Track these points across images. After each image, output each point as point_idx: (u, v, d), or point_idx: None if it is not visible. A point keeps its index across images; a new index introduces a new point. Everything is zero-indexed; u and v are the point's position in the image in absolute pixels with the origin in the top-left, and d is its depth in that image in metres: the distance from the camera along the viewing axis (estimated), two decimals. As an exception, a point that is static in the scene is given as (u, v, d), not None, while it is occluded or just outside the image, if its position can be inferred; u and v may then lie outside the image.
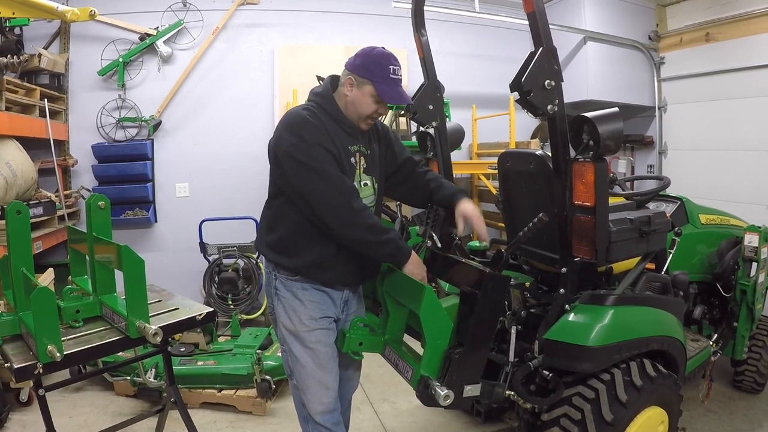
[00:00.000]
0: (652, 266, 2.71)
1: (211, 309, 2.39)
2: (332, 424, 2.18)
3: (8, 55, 4.14)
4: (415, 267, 2.05)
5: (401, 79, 2.07)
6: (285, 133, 1.99)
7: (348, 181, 2.02)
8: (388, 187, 2.35)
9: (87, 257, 2.35)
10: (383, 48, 2.07)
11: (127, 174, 5.24)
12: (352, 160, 2.10)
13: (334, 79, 2.14)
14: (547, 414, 2.22)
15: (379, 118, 2.20)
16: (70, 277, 2.57)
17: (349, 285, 2.22)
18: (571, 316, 2.22)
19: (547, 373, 2.17)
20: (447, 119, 3.23)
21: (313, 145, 1.95)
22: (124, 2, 5.25)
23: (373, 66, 2.02)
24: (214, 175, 5.54)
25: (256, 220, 4.93)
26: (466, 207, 2.25)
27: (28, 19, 4.56)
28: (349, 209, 1.95)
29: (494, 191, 5.24)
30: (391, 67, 2.02)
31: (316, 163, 1.94)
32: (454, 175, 3.03)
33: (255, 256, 5.11)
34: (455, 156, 3.15)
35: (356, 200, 1.99)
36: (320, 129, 1.99)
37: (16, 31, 4.75)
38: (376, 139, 2.27)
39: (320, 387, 2.14)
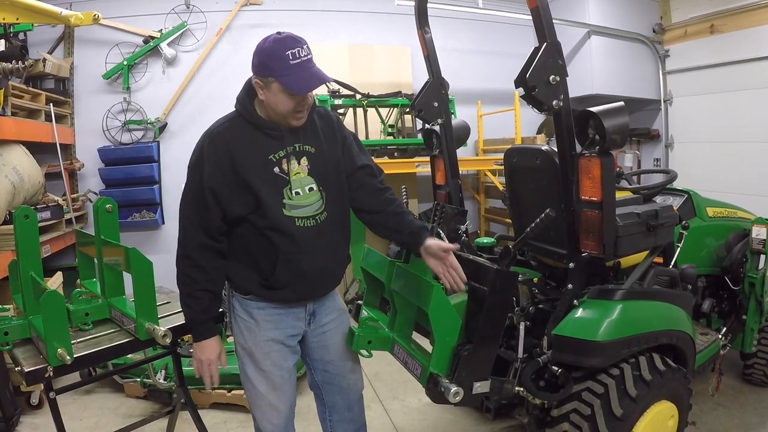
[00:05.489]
0: (660, 260, 2.70)
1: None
2: None
3: (13, 61, 4.15)
4: (200, 352, 2.01)
5: (308, 59, 1.76)
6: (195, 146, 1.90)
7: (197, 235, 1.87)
8: None
9: (95, 260, 2.36)
10: (277, 33, 1.78)
11: (133, 176, 5.27)
12: (276, 169, 1.86)
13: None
14: (556, 410, 2.22)
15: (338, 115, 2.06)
16: (78, 280, 2.59)
17: (309, 300, 2.03)
18: (580, 312, 2.21)
19: (556, 368, 2.16)
20: (452, 116, 3.23)
21: (192, 174, 1.87)
22: (127, 5, 5.28)
23: (269, 60, 1.74)
24: (219, 176, 5.53)
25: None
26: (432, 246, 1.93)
27: (32, 25, 4.58)
28: (181, 252, 1.89)
29: (501, 187, 5.24)
30: (289, 52, 1.72)
31: (187, 196, 1.89)
32: (460, 172, 3.03)
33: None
34: (461, 152, 3.15)
35: (194, 251, 1.88)
36: (217, 154, 1.84)
37: (21, 36, 4.79)
38: (331, 137, 1.99)
39: (270, 408, 2.05)
